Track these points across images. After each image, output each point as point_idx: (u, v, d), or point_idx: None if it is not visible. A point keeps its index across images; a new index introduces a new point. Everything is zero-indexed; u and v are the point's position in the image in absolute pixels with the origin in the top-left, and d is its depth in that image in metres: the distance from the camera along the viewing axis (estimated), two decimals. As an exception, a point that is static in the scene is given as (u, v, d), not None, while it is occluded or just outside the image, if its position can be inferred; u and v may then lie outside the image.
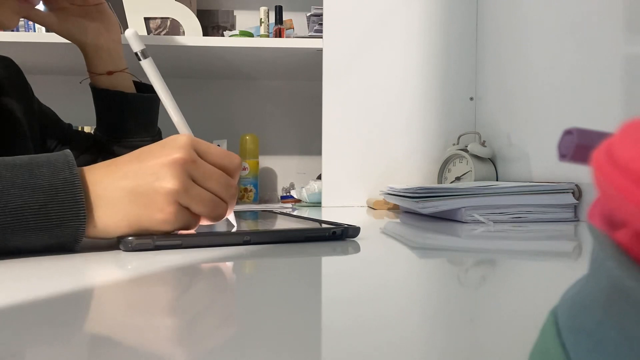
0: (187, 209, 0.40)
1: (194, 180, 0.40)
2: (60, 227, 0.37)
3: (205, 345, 0.19)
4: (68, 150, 0.40)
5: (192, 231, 0.43)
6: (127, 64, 0.82)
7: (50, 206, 0.36)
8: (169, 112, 0.49)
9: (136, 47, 0.47)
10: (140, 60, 0.48)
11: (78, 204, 0.37)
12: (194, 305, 0.25)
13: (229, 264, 0.37)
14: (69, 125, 0.91)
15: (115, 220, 0.39)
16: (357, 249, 0.43)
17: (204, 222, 0.43)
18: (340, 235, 0.46)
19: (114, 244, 0.43)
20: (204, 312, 0.24)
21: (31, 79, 0.86)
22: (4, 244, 0.36)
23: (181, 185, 0.39)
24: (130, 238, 0.39)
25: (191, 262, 0.36)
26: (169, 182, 0.38)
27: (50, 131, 0.84)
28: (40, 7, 0.69)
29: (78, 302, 0.26)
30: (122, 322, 0.23)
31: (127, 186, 0.39)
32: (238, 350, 0.18)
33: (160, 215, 0.39)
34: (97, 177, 0.39)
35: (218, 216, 0.42)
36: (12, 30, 1.28)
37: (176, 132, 0.50)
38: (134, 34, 0.47)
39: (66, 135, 0.86)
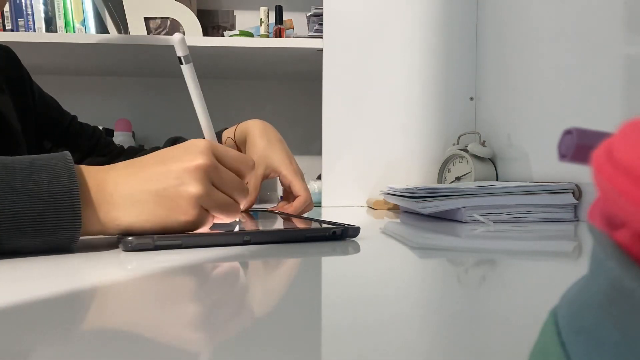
0: (206, 210, 0.42)
1: (213, 184, 0.42)
2: (56, 234, 0.37)
3: (205, 345, 0.19)
4: (67, 152, 0.40)
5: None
6: None
7: (47, 214, 0.36)
8: (199, 116, 0.52)
9: (180, 52, 0.50)
10: (181, 64, 0.50)
11: (75, 212, 0.37)
12: (193, 306, 0.25)
13: (229, 264, 0.37)
14: (74, 117, 0.87)
15: (141, 220, 0.40)
16: (357, 249, 0.43)
17: (217, 221, 0.44)
18: (340, 235, 0.46)
19: (114, 243, 0.43)
20: (203, 312, 0.24)
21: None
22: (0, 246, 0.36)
23: (204, 190, 0.41)
24: (130, 238, 0.39)
25: (191, 262, 0.36)
26: (193, 187, 0.40)
27: (50, 125, 0.81)
28: None
29: (79, 302, 0.26)
30: (123, 321, 0.23)
31: (153, 189, 0.40)
32: (238, 350, 0.18)
33: (184, 217, 0.41)
34: (122, 177, 0.41)
35: (232, 217, 0.44)
36: (12, 30, 1.28)
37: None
38: (181, 40, 0.49)
39: (68, 130, 0.84)
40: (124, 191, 0.40)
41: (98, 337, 0.20)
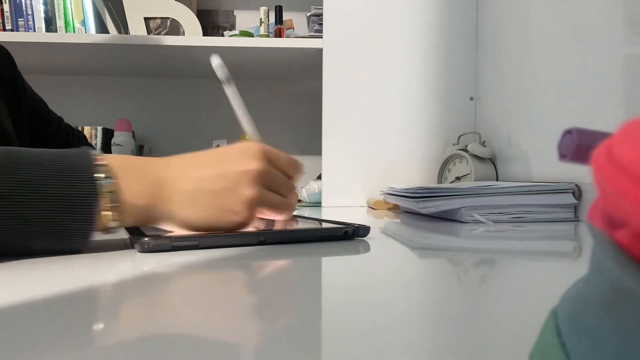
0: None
1: (265, 186, 0.45)
2: (68, 239, 0.37)
3: (216, 341, 0.19)
4: (92, 151, 0.39)
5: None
6: None
7: (61, 218, 0.36)
8: (244, 128, 0.55)
9: (221, 75, 0.54)
10: (224, 86, 0.54)
11: (90, 221, 0.37)
12: (209, 304, 0.25)
13: (245, 264, 0.37)
14: (61, 118, 0.87)
15: (195, 215, 0.42)
16: (367, 248, 0.44)
17: (273, 217, 0.47)
18: (352, 234, 0.47)
19: (128, 244, 0.43)
20: (216, 311, 0.24)
21: (31, 79, 0.86)
22: (8, 248, 0.36)
23: (258, 194, 0.43)
24: (146, 239, 0.39)
25: (208, 262, 0.36)
26: (249, 191, 0.43)
27: (39, 125, 0.80)
28: None
29: (98, 303, 0.26)
30: (133, 320, 0.23)
31: (210, 189, 0.42)
32: (248, 346, 0.18)
33: (236, 218, 0.43)
34: (179, 174, 0.43)
35: (287, 214, 0.47)
36: (12, 30, 1.28)
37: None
38: (221, 65, 0.53)
39: (57, 131, 0.84)
40: (181, 188, 0.42)
41: (111, 338, 0.20)
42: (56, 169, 0.37)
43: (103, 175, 0.38)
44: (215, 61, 0.53)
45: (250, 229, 0.45)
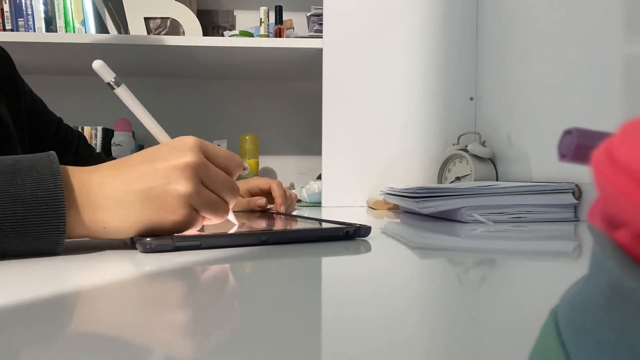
0: (195, 210, 0.41)
1: (202, 183, 0.41)
2: (39, 240, 0.36)
3: (213, 342, 0.19)
4: (53, 153, 0.39)
5: (210, 231, 0.43)
6: None
7: (30, 219, 0.35)
8: (150, 131, 0.49)
9: (107, 77, 0.47)
10: (114, 89, 0.47)
11: (60, 217, 0.36)
12: (211, 304, 0.25)
13: (247, 264, 0.37)
14: (60, 119, 0.87)
15: (129, 222, 0.39)
16: (368, 248, 0.44)
17: (207, 222, 0.43)
18: (353, 234, 0.48)
19: (129, 244, 0.43)
20: (215, 310, 0.24)
21: (31, 79, 0.86)
22: None
23: (194, 189, 0.39)
24: (148, 239, 0.39)
25: (210, 262, 0.36)
26: (182, 186, 0.39)
27: (38, 126, 0.80)
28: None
29: (98, 304, 0.26)
30: (132, 319, 0.23)
31: (140, 188, 0.39)
32: (258, 347, 0.18)
33: (172, 217, 0.39)
34: (106, 178, 0.39)
35: (222, 217, 0.43)
36: (12, 30, 1.28)
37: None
38: (102, 66, 0.46)
39: (57, 132, 0.84)
40: (109, 192, 0.39)
41: (110, 338, 0.20)
42: (19, 168, 0.36)
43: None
44: (96, 63, 0.46)
45: (193, 230, 0.41)
